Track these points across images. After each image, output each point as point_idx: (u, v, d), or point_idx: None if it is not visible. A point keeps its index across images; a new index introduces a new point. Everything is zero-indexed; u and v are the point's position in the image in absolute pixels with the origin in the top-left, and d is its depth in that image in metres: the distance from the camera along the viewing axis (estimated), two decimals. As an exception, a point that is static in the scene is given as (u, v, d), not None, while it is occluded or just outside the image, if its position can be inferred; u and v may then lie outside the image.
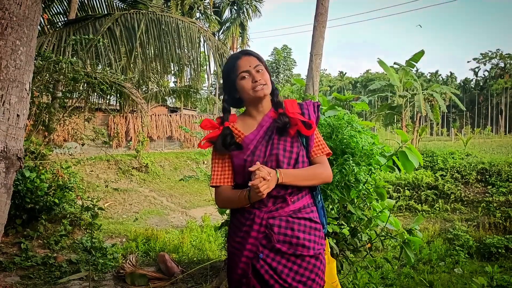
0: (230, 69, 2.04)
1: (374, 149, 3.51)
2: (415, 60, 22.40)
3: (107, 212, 13.52)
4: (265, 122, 2.05)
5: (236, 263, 1.99)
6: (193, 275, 4.41)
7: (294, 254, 1.93)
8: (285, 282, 1.91)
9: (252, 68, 2.00)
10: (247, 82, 1.99)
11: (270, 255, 1.93)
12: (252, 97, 2.01)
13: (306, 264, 1.95)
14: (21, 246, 5.38)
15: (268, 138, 2.00)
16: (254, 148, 1.98)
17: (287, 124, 2.00)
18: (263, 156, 1.96)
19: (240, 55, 2.06)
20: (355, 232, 4.09)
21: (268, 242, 1.93)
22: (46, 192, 5.81)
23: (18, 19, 2.53)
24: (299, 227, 1.96)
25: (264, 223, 1.93)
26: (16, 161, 2.60)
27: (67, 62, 6.27)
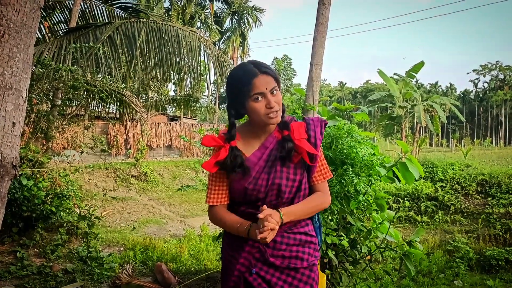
0: (243, 85, 1.82)
1: (374, 160, 3.48)
2: (415, 71, 22.46)
3: (105, 220, 13.45)
4: (269, 143, 1.93)
5: (229, 275, 1.97)
6: (190, 286, 4.36)
7: (288, 267, 1.91)
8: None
9: (268, 91, 1.82)
10: (260, 106, 1.82)
11: (264, 268, 1.90)
12: (264, 122, 1.87)
13: (300, 276, 1.93)
14: (17, 255, 5.33)
15: (271, 165, 1.89)
16: (257, 174, 1.88)
17: (291, 152, 1.88)
18: (265, 185, 1.86)
19: (257, 72, 1.82)
20: (354, 244, 4.05)
21: (261, 256, 1.90)
22: (43, 200, 5.77)
23: (16, 26, 2.51)
24: (294, 242, 1.93)
25: None
26: (11, 169, 2.56)
27: (67, 70, 6.27)
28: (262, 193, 1.87)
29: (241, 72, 1.87)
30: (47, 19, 9.55)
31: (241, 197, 1.92)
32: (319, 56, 4.12)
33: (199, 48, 7.84)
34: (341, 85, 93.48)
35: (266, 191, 1.87)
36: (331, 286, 3.98)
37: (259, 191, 1.87)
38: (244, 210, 1.93)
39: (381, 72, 22.30)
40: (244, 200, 1.92)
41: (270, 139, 1.94)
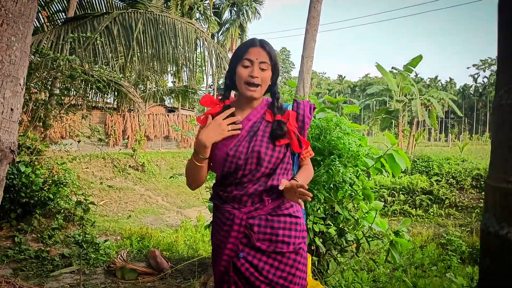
0: (240, 51, 1.99)
1: (360, 150, 3.59)
2: (413, 65, 22.50)
3: (103, 210, 13.58)
4: (253, 116, 2.03)
5: (219, 260, 2.02)
6: (182, 271, 4.48)
7: (274, 251, 1.95)
8: (266, 279, 1.93)
9: (257, 61, 1.94)
10: (245, 72, 1.94)
11: (251, 253, 1.95)
12: (242, 91, 1.98)
13: (286, 260, 1.96)
14: (15, 240, 5.44)
15: (253, 134, 1.98)
16: (237, 142, 1.96)
17: (285, 135, 1.98)
18: (246, 152, 1.94)
19: (257, 44, 1.97)
20: (342, 233, 4.16)
21: (248, 241, 1.96)
22: (41, 187, 5.88)
23: (14, 16, 2.61)
24: (279, 224, 1.97)
25: (244, 224, 1.95)
26: (9, 153, 2.67)
27: (65, 59, 6.35)
28: (242, 160, 1.93)
29: (246, 41, 2.04)
30: (45, 8, 9.60)
31: (222, 165, 1.96)
32: (310, 49, 4.22)
33: (195, 40, 7.90)
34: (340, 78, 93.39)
35: (245, 158, 1.93)
36: (318, 272, 4.10)
37: (239, 158, 1.93)
38: (231, 192, 1.98)
39: (379, 66, 22.35)
40: (225, 170, 1.96)
41: (254, 112, 2.03)
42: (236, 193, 1.97)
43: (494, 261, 1.32)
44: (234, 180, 1.97)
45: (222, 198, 2.03)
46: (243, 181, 1.96)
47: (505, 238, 1.27)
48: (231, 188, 1.99)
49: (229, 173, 1.97)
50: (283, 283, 1.95)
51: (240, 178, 1.96)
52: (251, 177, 1.95)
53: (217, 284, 2.06)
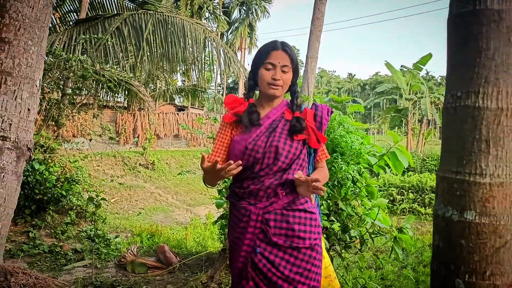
0: (262, 53, 2.07)
1: (362, 148, 3.69)
2: (423, 63, 22.44)
3: (113, 207, 13.79)
4: (272, 114, 2.11)
5: (236, 257, 2.08)
6: (191, 265, 4.62)
7: (290, 246, 1.99)
8: (282, 274, 1.99)
9: (279, 65, 2.04)
10: (267, 75, 2.04)
11: (267, 248, 2.00)
12: (264, 92, 2.08)
13: (302, 256, 2.01)
14: (29, 235, 5.63)
15: (272, 130, 2.06)
16: (256, 137, 2.04)
17: (302, 130, 2.07)
18: (264, 147, 2.01)
19: (278, 47, 2.06)
20: (346, 229, 4.26)
21: (265, 236, 2.00)
22: (54, 184, 6.05)
23: (30, 21, 2.76)
24: (294, 219, 2.02)
25: (260, 219, 2.00)
26: (26, 151, 2.83)
27: (77, 60, 6.52)
28: (260, 154, 2.00)
29: (268, 43, 2.12)
30: (57, 9, 9.79)
31: (240, 158, 2.01)
32: (315, 50, 4.32)
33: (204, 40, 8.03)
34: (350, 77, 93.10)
35: (263, 152, 2.01)
36: (322, 267, 4.19)
37: (257, 152, 2.01)
38: (248, 186, 2.05)
39: (388, 64, 22.33)
40: (243, 163, 2.00)
41: (274, 111, 2.12)
42: (253, 187, 2.03)
43: (441, 240, 1.52)
44: (251, 174, 2.05)
45: (239, 195, 2.10)
46: (260, 174, 2.03)
47: (449, 219, 1.48)
48: (247, 183, 2.06)
49: (247, 167, 2.04)
50: (299, 279, 2.01)
51: (257, 172, 2.03)
52: (268, 171, 2.02)
53: (235, 280, 2.12)
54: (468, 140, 1.50)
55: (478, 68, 1.51)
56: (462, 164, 1.51)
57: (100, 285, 4.01)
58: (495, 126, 1.47)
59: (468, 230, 1.47)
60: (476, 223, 1.46)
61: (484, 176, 1.47)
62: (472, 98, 1.51)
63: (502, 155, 1.46)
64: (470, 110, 1.52)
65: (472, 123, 1.51)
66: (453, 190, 1.50)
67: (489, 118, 1.48)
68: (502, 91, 1.49)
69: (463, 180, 1.50)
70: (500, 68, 1.49)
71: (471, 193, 1.47)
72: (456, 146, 1.53)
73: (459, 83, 1.56)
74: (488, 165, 1.47)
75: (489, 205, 1.46)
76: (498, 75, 1.49)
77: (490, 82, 1.50)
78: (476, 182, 1.48)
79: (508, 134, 1.48)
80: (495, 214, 1.46)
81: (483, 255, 1.47)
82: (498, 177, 1.47)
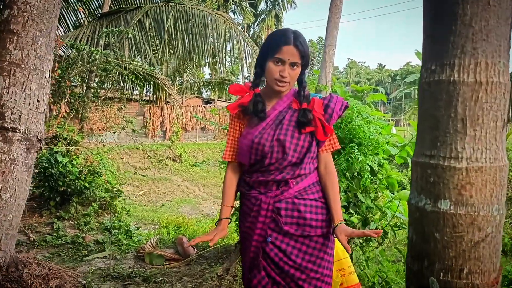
0: (272, 46, 1.98)
1: (380, 138, 3.56)
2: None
3: (142, 199, 14.00)
4: (279, 106, 2.05)
5: (248, 246, 2.05)
6: (208, 257, 4.60)
7: (302, 235, 1.96)
8: (294, 263, 1.95)
9: (288, 62, 1.95)
10: (275, 70, 1.96)
11: (279, 237, 1.97)
12: (270, 85, 2.02)
13: (314, 244, 1.98)
14: (54, 226, 5.73)
15: (278, 123, 2.00)
16: (262, 130, 1.99)
17: (310, 122, 1.99)
18: (271, 140, 1.96)
19: (290, 42, 1.95)
20: (366, 221, 4.15)
21: (276, 225, 1.98)
22: (77, 176, 6.14)
23: (38, 12, 2.75)
24: (306, 208, 1.98)
25: (271, 208, 1.98)
26: (36, 142, 2.84)
27: (99, 53, 6.58)
28: (267, 147, 1.95)
29: (280, 34, 2.02)
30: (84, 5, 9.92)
31: (249, 152, 2.00)
32: (333, 37, 4.20)
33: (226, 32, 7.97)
34: (380, 67, 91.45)
35: (271, 145, 1.96)
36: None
37: (264, 145, 1.96)
38: (257, 178, 2.02)
39: (419, 53, 21.63)
40: (252, 158, 2.00)
41: (281, 102, 2.06)
42: (262, 179, 2.01)
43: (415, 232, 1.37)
44: (261, 167, 2.00)
45: (249, 184, 2.06)
46: (270, 169, 1.99)
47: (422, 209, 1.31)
48: (257, 175, 2.03)
49: (256, 161, 2.01)
50: (311, 267, 1.97)
51: (267, 166, 1.99)
52: (278, 165, 1.97)
53: (247, 270, 2.09)
54: (442, 119, 1.30)
55: (453, 37, 1.31)
56: (436, 147, 1.32)
57: (117, 276, 4.03)
58: (472, 103, 1.28)
59: (443, 221, 1.29)
60: (451, 213, 1.29)
61: (460, 160, 1.28)
62: (447, 71, 1.30)
63: (481, 136, 1.28)
64: (445, 85, 1.32)
65: (447, 100, 1.31)
66: (426, 176, 1.31)
67: (465, 93, 1.29)
68: (481, 62, 1.29)
69: (436, 165, 1.31)
70: (478, 36, 1.29)
71: (446, 179, 1.28)
72: (430, 127, 1.34)
73: (433, 55, 1.36)
74: (464, 148, 1.28)
75: (466, 193, 1.27)
76: (476, 44, 1.29)
77: (467, 53, 1.29)
78: (450, 166, 1.29)
79: (488, 112, 1.29)
80: (473, 203, 1.28)
81: (460, 250, 1.29)
82: (476, 161, 1.28)
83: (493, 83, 1.27)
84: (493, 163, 1.28)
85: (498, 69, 1.27)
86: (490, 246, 1.29)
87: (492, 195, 1.27)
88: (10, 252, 2.74)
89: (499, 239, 1.30)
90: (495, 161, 1.27)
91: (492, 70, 1.28)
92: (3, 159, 2.65)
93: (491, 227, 1.29)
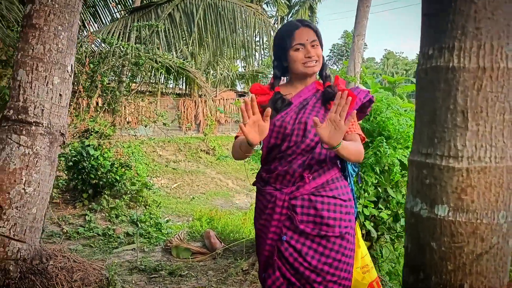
0: (286, 37, 1.98)
1: (411, 131, 3.40)
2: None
3: (176, 192, 14.18)
4: (304, 93, 2.02)
5: (262, 245, 1.99)
6: (235, 251, 4.57)
7: (318, 235, 1.88)
8: (310, 265, 1.87)
9: (308, 42, 1.95)
10: (300, 55, 1.95)
11: (294, 236, 1.90)
12: (301, 71, 1.98)
13: (332, 245, 1.89)
14: (86, 218, 5.85)
15: (301, 107, 1.97)
16: (285, 114, 1.96)
17: (334, 96, 1.86)
18: (292, 123, 1.92)
19: (299, 25, 1.98)
20: (398, 217, 4.01)
21: (291, 223, 1.91)
22: (109, 169, 6.24)
23: (60, 6, 2.76)
24: (323, 206, 1.89)
25: (286, 205, 1.91)
26: (59, 136, 2.86)
27: (129, 47, 6.64)
28: (288, 130, 1.91)
29: (285, 26, 2.05)
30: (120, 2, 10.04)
31: (269, 135, 1.92)
32: (362, 27, 4.05)
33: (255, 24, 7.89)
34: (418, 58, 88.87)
35: (292, 128, 1.91)
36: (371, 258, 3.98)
37: (285, 128, 1.91)
38: (276, 168, 1.95)
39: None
40: (272, 141, 1.94)
41: (306, 90, 2.03)
42: (280, 169, 1.94)
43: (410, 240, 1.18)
44: (279, 153, 1.95)
45: (265, 179, 2.00)
46: (287, 153, 1.92)
47: (418, 215, 1.13)
48: (274, 165, 1.96)
49: (275, 145, 1.96)
50: (328, 269, 1.88)
51: (285, 151, 1.92)
52: (295, 148, 1.90)
53: (262, 268, 2.04)
54: (440, 112, 1.10)
55: (452, 15, 1.09)
56: (433, 144, 1.12)
57: (144, 269, 4.06)
58: (474, 93, 1.07)
59: (440, 229, 1.09)
60: (450, 221, 1.09)
61: (460, 159, 1.07)
62: (445, 56, 1.09)
63: (484, 131, 1.07)
64: (443, 72, 1.11)
65: (445, 89, 1.09)
66: (422, 177, 1.12)
67: (466, 81, 1.07)
68: (485, 45, 1.06)
69: (433, 165, 1.11)
70: (481, 14, 1.06)
71: (443, 181, 1.08)
72: (427, 121, 1.14)
73: (431, 37, 1.15)
74: (465, 145, 1.07)
75: (467, 198, 1.06)
76: (480, 24, 1.07)
77: (469, 34, 1.07)
78: (449, 167, 1.09)
79: (493, 103, 1.07)
80: (475, 209, 1.07)
81: (459, 263, 1.09)
82: (479, 160, 1.06)
83: (500, 69, 1.06)
84: (499, 162, 1.07)
85: (505, 53, 1.06)
86: (496, 258, 1.08)
87: (497, 200, 1.07)
88: (34, 244, 2.78)
89: (507, 251, 1.08)
90: (501, 160, 1.06)
91: (499, 53, 1.06)
92: (27, 153, 2.68)
93: (496, 237, 1.09)
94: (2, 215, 2.63)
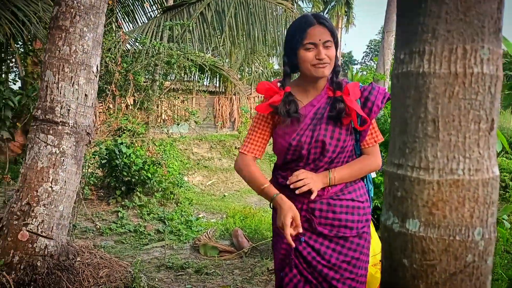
0: (297, 34, 1.84)
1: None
2: (544, 34, 19.88)
3: (211, 189, 14.30)
4: (317, 102, 1.92)
5: (280, 244, 1.99)
6: (262, 250, 4.55)
7: (336, 236, 1.90)
8: (328, 263, 1.88)
9: (321, 42, 1.81)
10: (310, 56, 1.82)
11: (312, 237, 1.91)
12: (310, 73, 1.87)
13: (350, 244, 1.91)
14: (119, 215, 5.98)
15: (316, 123, 1.88)
16: (301, 131, 1.88)
17: (341, 112, 1.85)
18: (309, 142, 1.86)
19: (314, 22, 1.83)
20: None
21: (309, 225, 1.91)
22: (141, 167, 6.35)
23: (86, 8, 2.81)
24: (341, 209, 1.90)
25: (305, 208, 1.91)
26: (85, 136, 2.92)
27: (161, 46, 6.73)
28: (305, 150, 1.86)
29: (300, 20, 1.90)
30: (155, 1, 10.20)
31: (284, 153, 1.91)
32: (392, 22, 3.95)
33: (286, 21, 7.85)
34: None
35: (309, 148, 1.86)
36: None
37: (302, 148, 1.86)
38: (294, 167, 1.93)
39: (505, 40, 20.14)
40: (288, 158, 1.92)
41: (319, 97, 1.93)
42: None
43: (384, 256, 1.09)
44: (296, 167, 1.92)
45: (281, 184, 1.96)
46: (305, 168, 1.91)
47: (390, 229, 1.03)
48: (295, 165, 1.94)
49: (292, 160, 1.93)
50: (346, 267, 1.90)
51: (303, 167, 1.91)
52: (313, 166, 1.90)
53: (278, 267, 2.04)
54: (411, 121, 1.01)
55: (423, 17, 1.00)
56: (404, 155, 1.03)
57: (171, 266, 4.11)
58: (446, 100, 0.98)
59: (411, 245, 1.01)
60: (421, 236, 1.01)
61: (431, 171, 0.99)
62: (415, 61, 1.00)
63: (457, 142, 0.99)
64: (413, 78, 1.03)
65: (416, 97, 1.01)
66: (394, 189, 1.04)
67: (437, 88, 0.98)
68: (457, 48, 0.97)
69: (404, 176, 1.03)
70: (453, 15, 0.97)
71: (414, 194, 1.00)
72: (399, 130, 1.05)
73: (403, 41, 1.05)
74: (436, 156, 0.98)
75: (438, 213, 0.98)
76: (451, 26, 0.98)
77: (440, 37, 0.98)
78: (419, 179, 1.00)
79: (466, 111, 0.98)
80: (447, 225, 0.99)
81: (432, 282, 1.00)
82: (451, 172, 0.98)
83: (473, 74, 0.96)
84: (474, 175, 0.98)
85: (480, 57, 0.96)
86: (472, 278, 0.99)
87: (472, 215, 0.97)
88: (61, 241, 2.85)
89: (486, 270, 0.98)
90: (476, 173, 0.94)
91: (472, 58, 0.97)
92: (54, 152, 2.75)
93: (471, 255, 1.00)
94: (30, 212, 2.71)
